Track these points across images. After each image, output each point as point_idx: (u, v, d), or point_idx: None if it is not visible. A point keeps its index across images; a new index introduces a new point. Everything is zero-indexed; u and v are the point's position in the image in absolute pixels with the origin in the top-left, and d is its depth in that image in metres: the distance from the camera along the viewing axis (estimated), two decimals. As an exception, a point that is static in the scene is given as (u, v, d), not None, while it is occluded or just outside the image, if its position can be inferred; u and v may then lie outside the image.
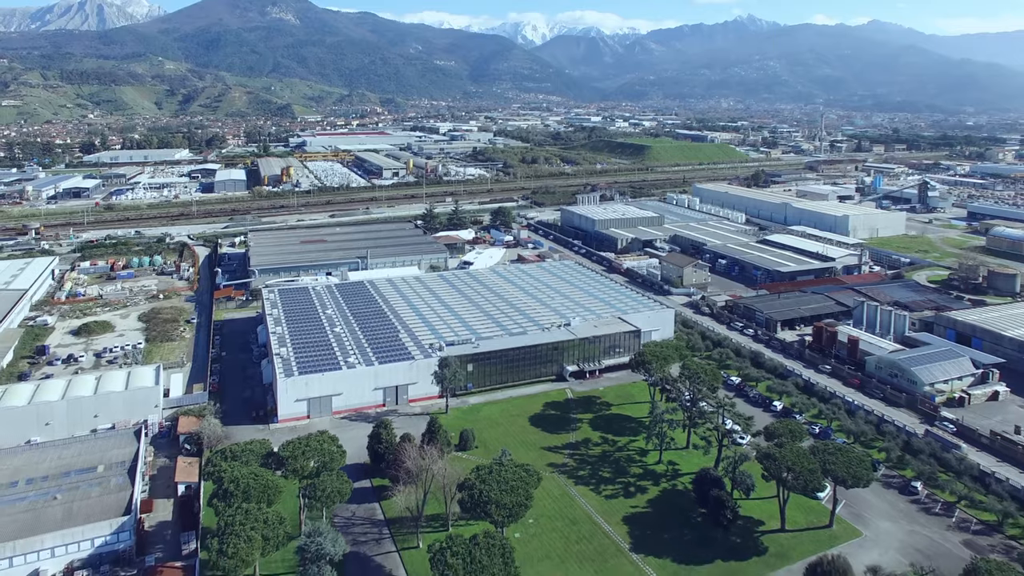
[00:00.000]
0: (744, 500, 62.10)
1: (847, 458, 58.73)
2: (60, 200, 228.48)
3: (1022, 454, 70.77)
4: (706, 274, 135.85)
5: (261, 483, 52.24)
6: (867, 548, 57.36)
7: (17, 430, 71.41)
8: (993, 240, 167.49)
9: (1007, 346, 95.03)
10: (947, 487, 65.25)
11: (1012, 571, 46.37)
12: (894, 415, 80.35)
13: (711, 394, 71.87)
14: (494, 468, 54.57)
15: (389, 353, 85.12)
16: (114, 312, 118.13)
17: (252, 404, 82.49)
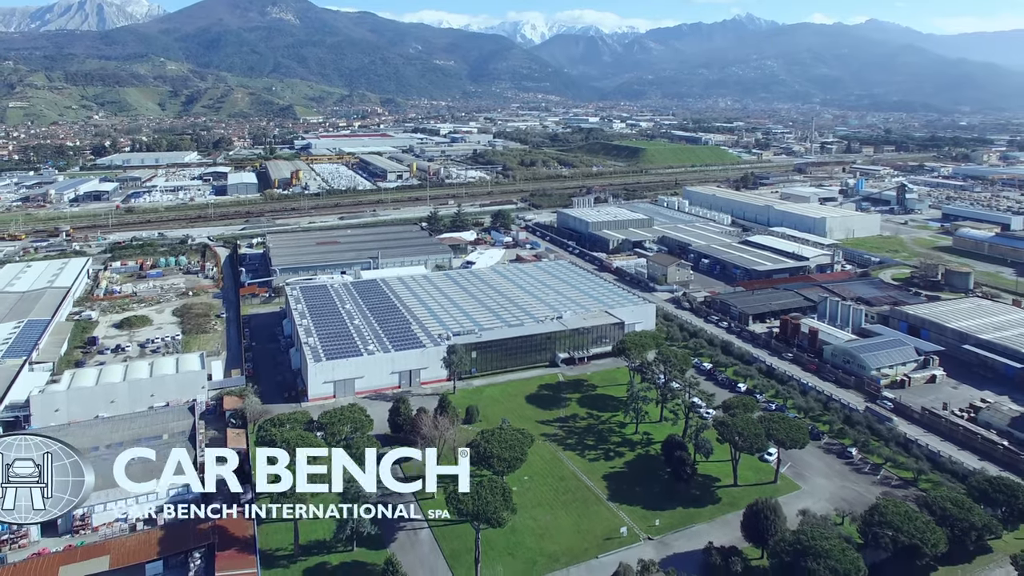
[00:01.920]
0: (704, 462, 74.36)
1: (787, 425, 71.18)
2: (81, 203, 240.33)
3: (944, 425, 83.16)
4: (689, 272, 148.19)
5: (307, 442, 64.31)
6: (803, 498, 69.68)
7: (88, 407, 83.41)
8: (958, 240, 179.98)
9: (949, 336, 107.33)
10: (876, 452, 77.63)
11: (903, 506, 58.78)
12: (842, 395, 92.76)
13: (680, 375, 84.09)
14: (496, 431, 66.98)
15: (403, 342, 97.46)
16: (149, 307, 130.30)
17: (284, 386, 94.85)
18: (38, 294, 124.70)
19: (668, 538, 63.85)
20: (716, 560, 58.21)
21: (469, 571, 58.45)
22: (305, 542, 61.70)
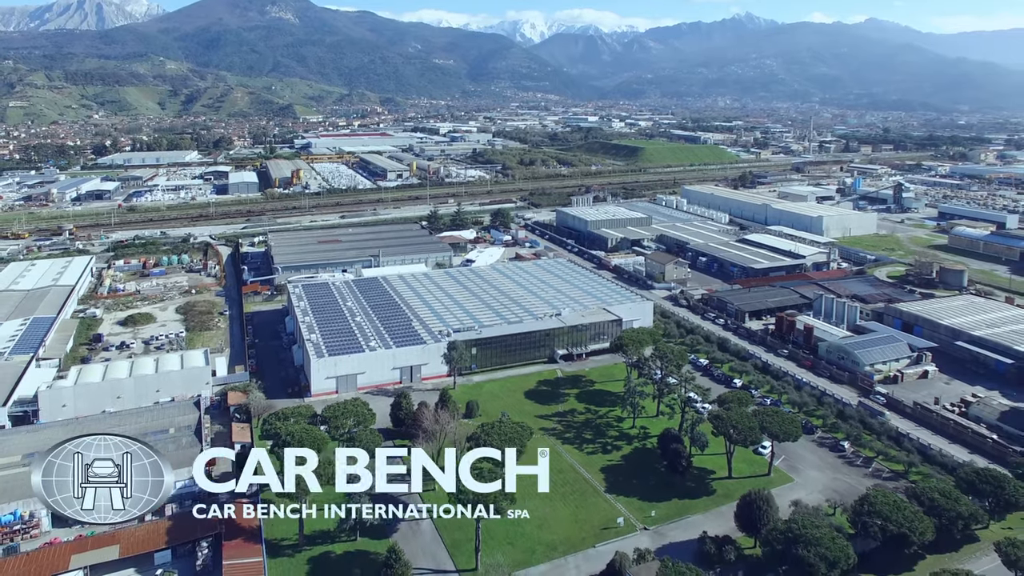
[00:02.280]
0: (700, 455, 75.94)
1: (781, 419, 72.82)
2: (83, 202, 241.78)
3: (935, 420, 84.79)
4: (686, 270, 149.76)
5: (311, 435, 65.97)
6: (796, 490, 71.28)
7: (94, 402, 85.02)
8: (954, 239, 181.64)
9: (942, 332, 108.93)
10: (868, 445, 79.28)
11: (892, 496, 60.41)
12: (835, 390, 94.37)
13: (677, 371, 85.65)
14: (496, 424, 68.59)
15: (404, 338, 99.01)
16: (153, 305, 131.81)
17: (287, 382, 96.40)
18: (43, 292, 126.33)
19: (664, 528, 65.43)
20: (710, 549, 59.87)
21: (470, 559, 60.04)
22: (310, 532, 63.21)
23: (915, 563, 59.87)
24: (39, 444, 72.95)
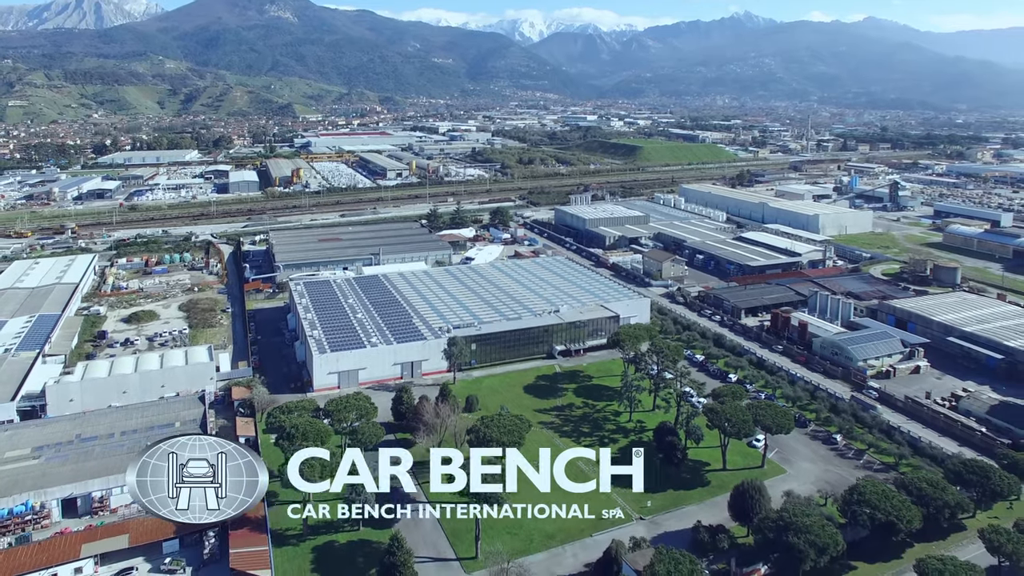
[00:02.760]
0: (695, 447, 77.58)
1: (774, 412, 74.46)
2: (85, 201, 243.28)
3: (926, 413, 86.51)
4: (683, 268, 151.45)
5: (315, 428, 67.54)
6: (788, 481, 72.83)
7: (101, 397, 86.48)
8: (949, 237, 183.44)
9: (934, 329, 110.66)
10: (860, 438, 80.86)
11: (881, 486, 62.09)
12: (829, 385, 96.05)
13: (673, 366, 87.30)
14: (495, 417, 70.12)
15: (404, 334, 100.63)
16: (156, 303, 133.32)
17: (290, 377, 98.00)
18: (47, 290, 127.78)
19: (659, 518, 67.03)
20: (704, 537, 61.50)
21: (470, 548, 61.65)
22: (313, 522, 64.72)
23: (903, 551, 61.55)
24: (48, 438, 74.90)
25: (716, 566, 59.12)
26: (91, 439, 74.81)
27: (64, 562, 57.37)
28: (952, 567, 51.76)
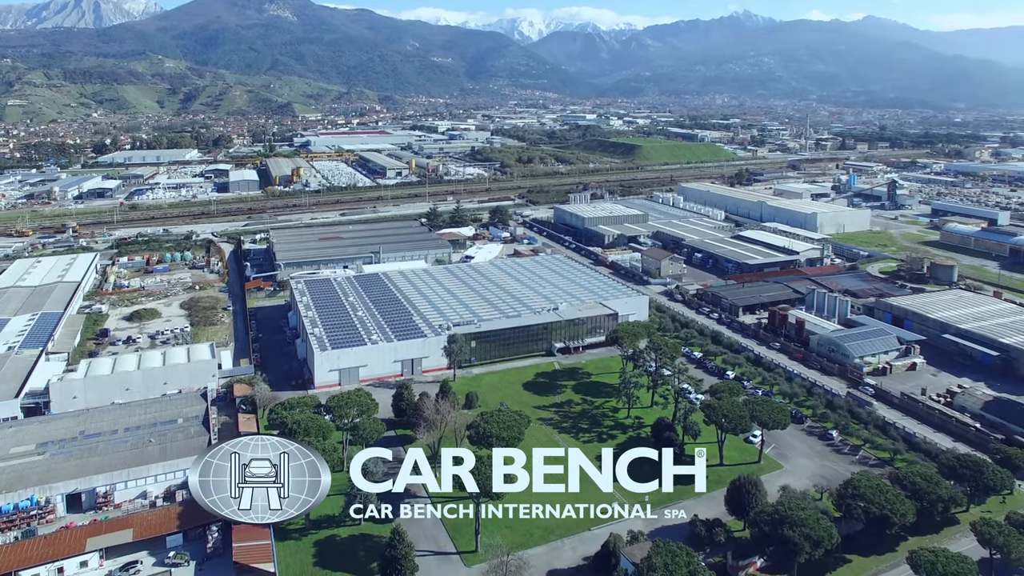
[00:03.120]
0: (692, 443, 78.22)
1: (770, 408, 75.40)
2: (86, 200, 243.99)
3: (921, 409, 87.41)
4: (681, 266, 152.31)
5: (316, 423, 68.57)
6: (784, 476, 73.72)
7: (104, 394, 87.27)
8: (946, 235, 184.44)
9: (930, 326, 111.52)
10: (856, 434, 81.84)
11: (876, 480, 62.99)
12: (825, 382, 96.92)
13: (671, 363, 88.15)
14: (495, 413, 71.12)
15: (405, 332, 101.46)
16: (157, 301, 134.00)
17: (291, 375, 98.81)
18: (49, 288, 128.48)
19: (656, 512, 67.71)
20: (701, 531, 62.40)
21: (470, 542, 62.48)
22: (315, 517, 65.52)
23: (897, 544, 62.40)
24: (52, 434, 75.71)
25: (713, 559, 59.98)
26: (95, 435, 75.58)
27: (69, 556, 58.17)
28: (944, 559, 52.63)
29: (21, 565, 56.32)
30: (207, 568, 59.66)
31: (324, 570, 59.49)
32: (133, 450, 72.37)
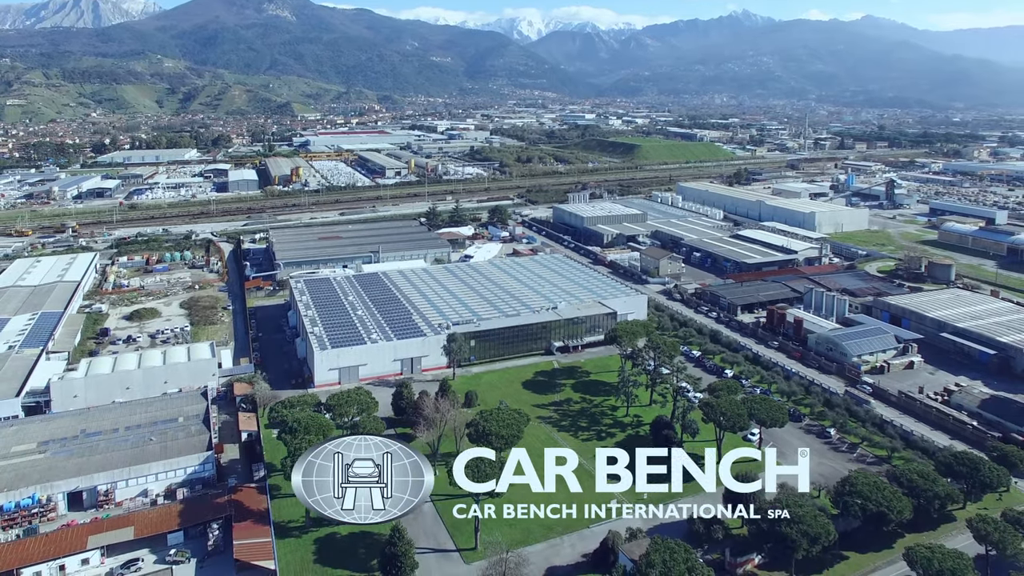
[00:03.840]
0: (691, 441, 78.67)
1: (768, 406, 75.82)
2: (85, 200, 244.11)
3: (919, 407, 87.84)
4: (680, 265, 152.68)
5: (316, 422, 68.74)
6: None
7: (104, 393, 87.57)
8: (944, 234, 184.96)
9: (928, 325, 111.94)
10: (854, 432, 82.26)
11: (873, 477, 63.35)
12: (823, 380, 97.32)
13: (669, 361, 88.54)
14: (494, 411, 71.42)
15: (404, 331, 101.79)
16: (157, 300, 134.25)
17: (291, 374, 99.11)
18: (49, 288, 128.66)
19: (655, 510, 68.05)
20: (699, 528, 62.64)
21: (469, 539, 62.80)
22: (316, 514, 65.66)
23: (894, 541, 62.80)
24: (53, 433, 75.99)
25: (711, 556, 60.27)
26: (96, 434, 75.87)
27: (71, 553, 58.57)
28: (940, 555, 53.03)
29: (23, 563, 56.66)
30: (208, 566, 60.00)
31: (324, 567, 59.80)
32: (134, 448, 72.67)
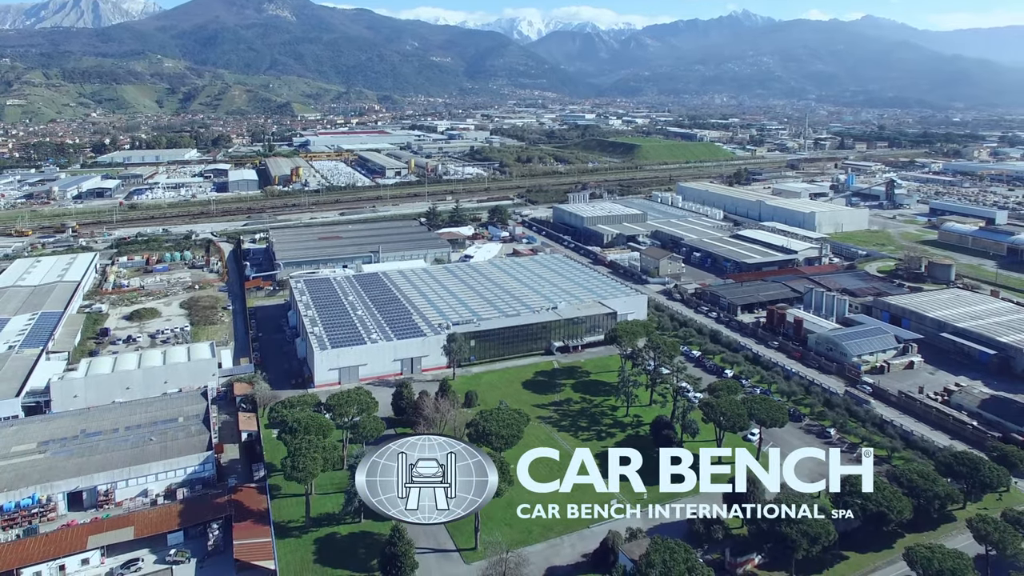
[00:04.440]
0: (691, 441, 78.69)
1: (768, 405, 75.81)
2: (85, 200, 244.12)
3: (919, 407, 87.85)
4: (680, 265, 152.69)
5: (317, 421, 68.87)
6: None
7: (104, 393, 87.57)
8: (944, 234, 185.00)
9: (928, 325, 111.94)
10: (854, 432, 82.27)
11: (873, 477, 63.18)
12: (823, 380, 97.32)
13: (669, 361, 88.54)
14: (494, 411, 71.36)
15: (404, 331, 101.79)
16: (157, 300, 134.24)
17: (291, 374, 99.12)
18: (49, 288, 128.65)
19: (655, 510, 68.08)
20: (699, 528, 62.65)
21: (469, 539, 62.78)
22: (316, 515, 66.01)
23: (894, 541, 62.81)
24: (53, 433, 75.98)
25: (711, 556, 60.27)
26: (96, 434, 75.86)
27: (71, 553, 58.57)
28: (940, 555, 53.03)
29: (23, 563, 56.65)
30: (208, 566, 60.00)
31: (324, 567, 59.81)
32: (134, 448, 72.68)
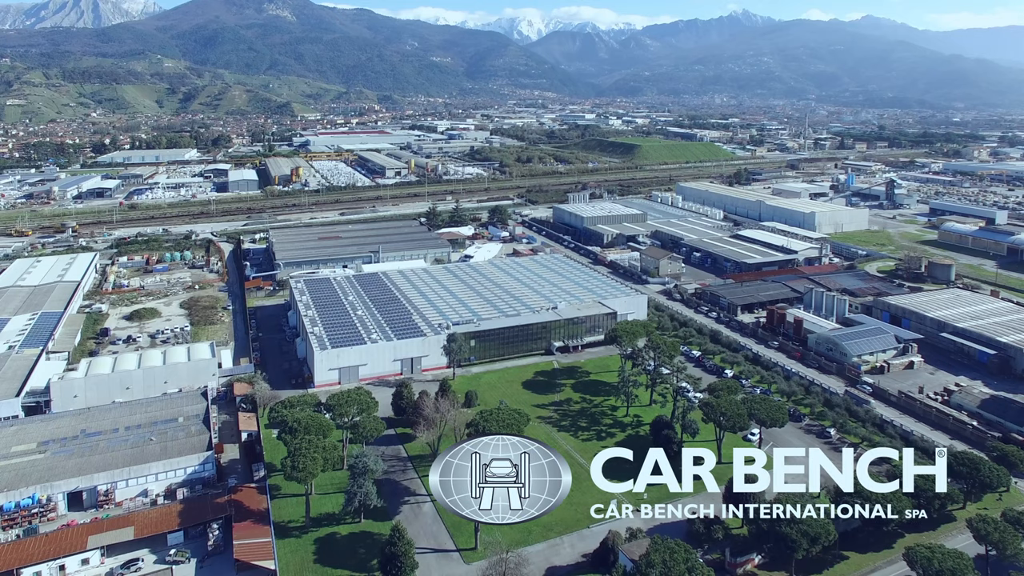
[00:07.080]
0: (691, 441, 78.64)
1: (768, 405, 75.84)
2: (85, 200, 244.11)
3: (919, 407, 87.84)
4: (680, 265, 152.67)
5: (317, 421, 68.89)
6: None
7: (104, 393, 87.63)
8: (944, 234, 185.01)
9: (928, 325, 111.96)
10: (854, 431, 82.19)
11: (873, 477, 63.10)
12: (823, 380, 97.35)
13: (669, 361, 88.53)
14: (494, 411, 71.35)
15: (404, 331, 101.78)
16: (157, 300, 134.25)
17: (291, 373, 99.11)
18: (49, 288, 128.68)
19: (655, 510, 68.04)
20: (699, 528, 62.67)
21: (469, 539, 62.78)
22: (316, 515, 66.02)
23: (894, 541, 62.84)
24: (53, 433, 75.99)
25: (711, 556, 60.28)
26: (96, 434, 75.86)
27: (71, 553, 58.59)
28: (940, 555, 53.03)
29: (23, 563, 56.66)
30: (208, 565, 60.01)
31: (324, 567, 59.83)
32: (134, 448, 72.69)
